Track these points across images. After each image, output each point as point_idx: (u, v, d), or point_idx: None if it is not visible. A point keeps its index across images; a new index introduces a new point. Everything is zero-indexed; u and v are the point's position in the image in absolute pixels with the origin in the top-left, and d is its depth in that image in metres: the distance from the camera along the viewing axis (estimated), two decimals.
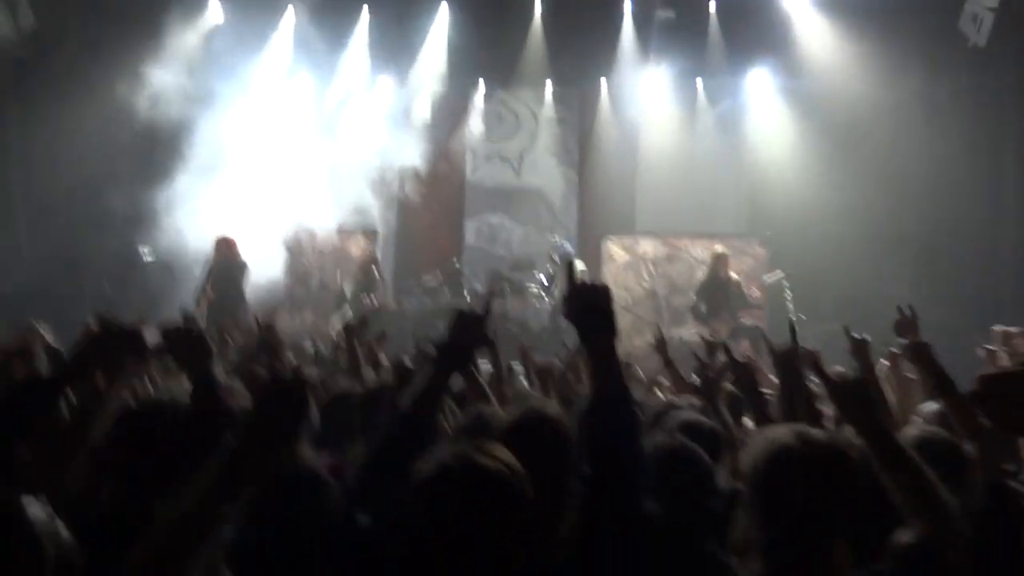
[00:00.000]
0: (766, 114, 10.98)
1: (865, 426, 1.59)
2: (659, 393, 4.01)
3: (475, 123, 12.02)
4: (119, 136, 9.13)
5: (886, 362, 3.57)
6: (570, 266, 1.73)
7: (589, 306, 1.58)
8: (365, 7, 10.93)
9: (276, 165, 9.78)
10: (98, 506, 1.70)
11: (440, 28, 11.16)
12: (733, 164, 11.31)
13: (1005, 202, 9.09)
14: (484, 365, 3.42)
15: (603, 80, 11.70)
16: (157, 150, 9.26)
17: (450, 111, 11.75)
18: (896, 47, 9.50)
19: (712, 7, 10.65)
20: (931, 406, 2.59)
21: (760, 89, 11.13)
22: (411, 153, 10.77)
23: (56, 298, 8.00)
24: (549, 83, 11.91)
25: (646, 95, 11.45)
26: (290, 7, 10.54)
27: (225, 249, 8.20)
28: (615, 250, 10.67)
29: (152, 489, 1.61)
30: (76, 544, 1.23)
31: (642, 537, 1.44)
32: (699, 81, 11.41)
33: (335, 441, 2.43)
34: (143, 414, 1.79)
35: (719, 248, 9.27)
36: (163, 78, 9.24)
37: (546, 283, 10.16)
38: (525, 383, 3.60)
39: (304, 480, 1.66)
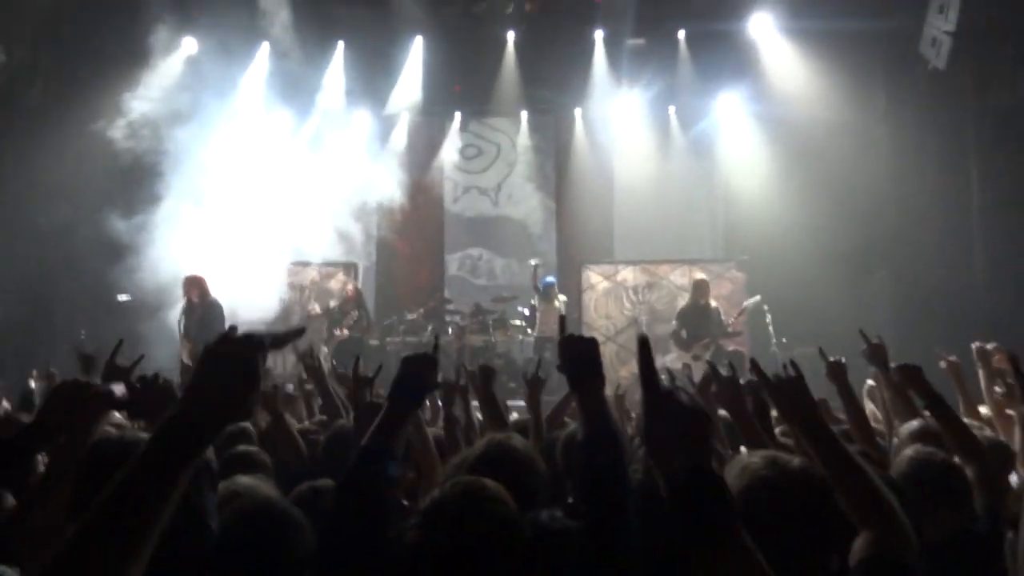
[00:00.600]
0: (737, 138, 11.09)
1: (805, 425, 1.62)
2: None
3: (452, 154, 12.07)
4: (92, 171, 9.00)
5: (871, 382, 3.62)
6: (562, 320, 1.88)
7: (579, 354, 1.66)
8: (340, 42, 10.96)
9: (253, 200, 9.71)
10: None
11: (415, 61, 11.23)
12: (707, 189, 11.46)
13: (971, 220, 9.21)
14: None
15: (577, 109, 11.82)
16: (131, 186, 9.14)
17: (427, 143, 11.79)
18: (860, 71, 9.71)
19: (681, 34, 10.84)
20: (912, 425, 2.61)
21: (731, 113, 11.26)
22: (389, 186, 10.77)
23: (27, 338, 7.84)
24: (524, 113, 12.01)
25: (620, 122, 11.55)
26: (265, 42, 10.59)
27: (192, 288, 7.95)
28: (595, 278, 10.65)
29: None
30: None
31: (633, 562, 1.46)
32: (671, 108, 11.55)
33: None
34: (108, 451, 1.69)
35: (699, 275, 9.30)
36: (137, 113, 9.15)
37: (528, 314, 10.17)
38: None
39: (271, 516, 1.64)
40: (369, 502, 1.46)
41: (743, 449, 2.76)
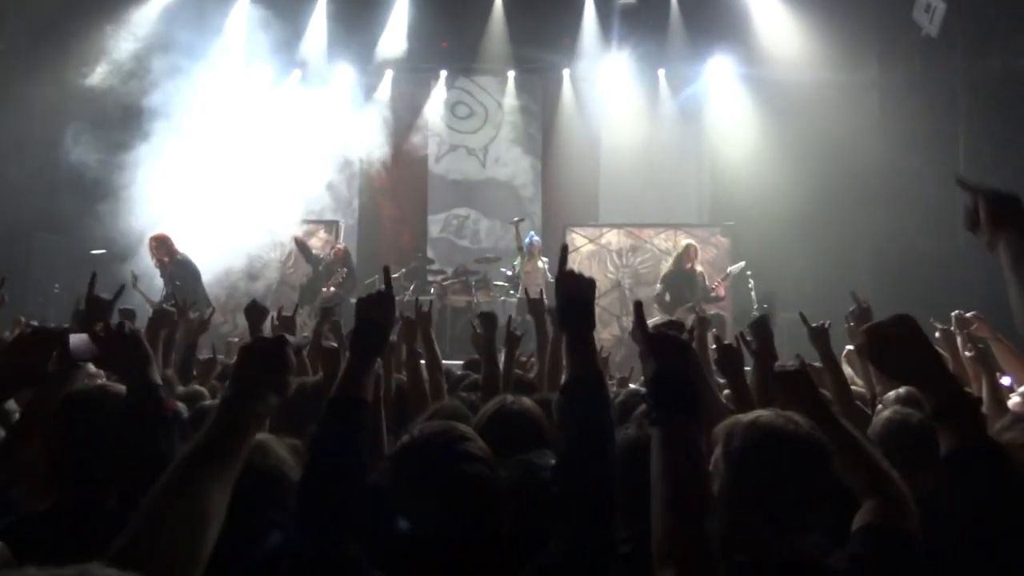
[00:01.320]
0: (727, 102, 10.89)
1: (811, 410, 1.63)
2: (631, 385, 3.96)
3: (438, 112, 11.77)
4: (63, 120, 8.76)
5: (850, 347, 3.61)
6: (564, 250, 1.79)
7: (575, 295, 1.63)
8: None
9: (232, 154, 9.44)
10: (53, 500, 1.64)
11: (400, 15, 10.90)
12: (695, 153, 11.28)
13: (958, 189, 9.21)
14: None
15: (566, 70, 11.58)
16: (107, 134, 8.81)
17: (411, 100, 11.51)
18: (852, 36, 9.50)
19: None
20: (895, 393, 2.60)
21: (721, 77, 11.05)
22: (372, 143, 10.51)
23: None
24: (511, 73, 11.75)
25: (608, 84, 11.33)
26: None
27: (159, 250, 7.62)
28: (579, 240, 10.45)
29: (96, 482, 1.59)
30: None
31: (614, 513, 1.46)
32: (661, 71, 11.34)
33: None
34: (82, 402, 1.70)
35: (686, 240, 9.22)
36: (111, 62, 8.88)
37: (511, 275, 9.98)
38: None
39: (268, 474, 1.61)
40: (342, 454, 1.44)
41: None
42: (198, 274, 7.71)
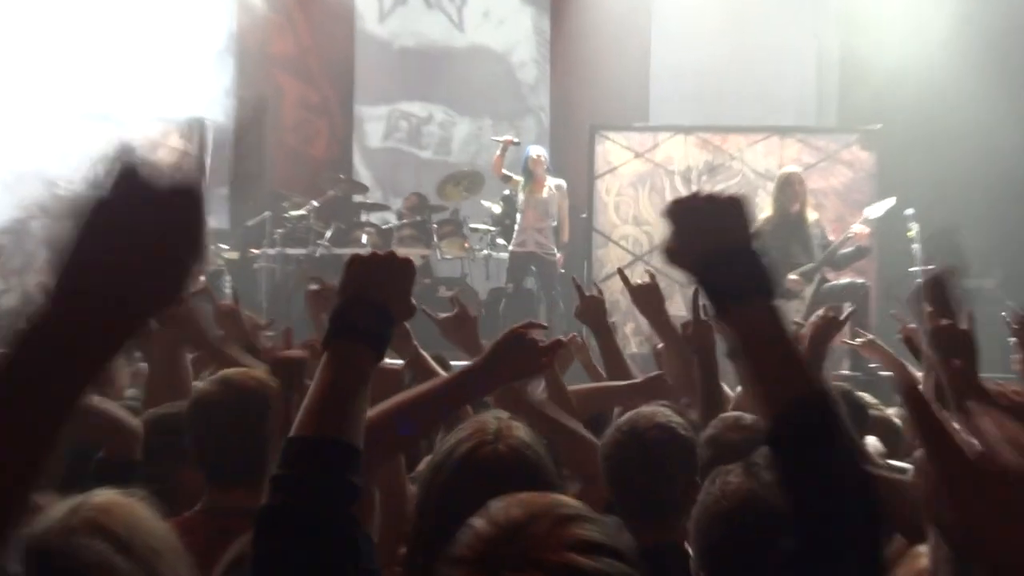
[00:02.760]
0: None
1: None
2: None
3: None
4: None
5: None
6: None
7: (715, 232, 1.07)
8: None
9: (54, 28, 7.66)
10: None
11: None
12: (812, 19, 8.63)
13: None
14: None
15: None
16: None
17: None
18: None
19: None
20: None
21: None
22: None
23: None
24: None
25: None
26: None
27: None
28: (617, 153, 7.62)
29: None
30: None
31: None
32: None
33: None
34: None
35: (789, 167, 6.86)
36: None
37: (499, 212, 7.58)
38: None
39: None
40: (320, 542, 1.03)
41: None
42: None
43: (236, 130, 7.77)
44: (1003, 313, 2.99)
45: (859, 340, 3.61)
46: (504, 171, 6.91)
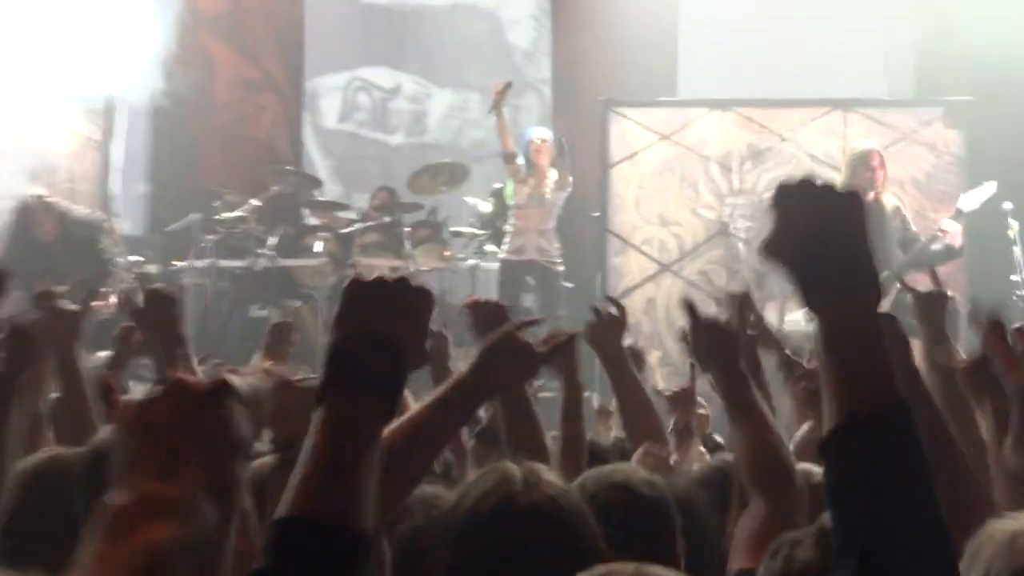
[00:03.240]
0: None
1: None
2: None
3: None
4: None
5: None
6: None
7: (829, 222, 1.00)
8: None
9: None
10: None
11: None
12: None
13: None
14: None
15: None
16: None
17: None
18: None
19: None
20: None
21: None
22: None
23: None
24: None
25: None
26: None
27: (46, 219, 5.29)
28: (637, 135, 6.70)
29: None
30: None
31: None
32: None
33: None
34: None
35: (863, 142, 5.99)
36: None
37: (490, 211, 6.80)
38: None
39: None
40: None
41: None
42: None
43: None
44: None
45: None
46: (512, 146, 5.75)
